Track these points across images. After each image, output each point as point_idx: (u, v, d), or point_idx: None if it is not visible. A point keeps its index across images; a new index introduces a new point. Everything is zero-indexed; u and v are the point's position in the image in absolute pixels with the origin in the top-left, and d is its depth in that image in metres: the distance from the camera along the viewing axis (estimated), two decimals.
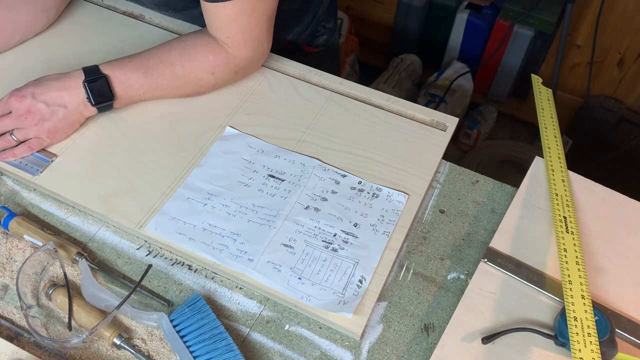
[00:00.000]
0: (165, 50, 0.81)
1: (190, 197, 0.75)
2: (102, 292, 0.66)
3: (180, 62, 0.80)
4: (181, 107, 0.85)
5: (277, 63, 0.92)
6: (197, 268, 0.71)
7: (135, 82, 0.80)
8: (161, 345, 0.65)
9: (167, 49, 0.82)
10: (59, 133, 0.78)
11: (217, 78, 0.83)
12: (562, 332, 0.62)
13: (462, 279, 0.71)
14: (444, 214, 0.77)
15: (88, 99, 0.78)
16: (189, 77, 0.81)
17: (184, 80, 0.82)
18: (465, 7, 1.85)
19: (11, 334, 0.65)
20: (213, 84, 0.84)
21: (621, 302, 0.67)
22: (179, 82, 0.82)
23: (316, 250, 0.70)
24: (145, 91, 0.81)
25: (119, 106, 0.82)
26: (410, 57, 1.94)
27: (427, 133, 0.83)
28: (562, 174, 0.76)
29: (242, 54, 0.82)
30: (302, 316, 0.68)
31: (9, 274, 0.70)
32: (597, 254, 0.70)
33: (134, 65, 0.80)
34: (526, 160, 1.70)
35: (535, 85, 0.88)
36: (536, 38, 1.77)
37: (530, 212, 0.74)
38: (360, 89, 0.88)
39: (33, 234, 0.70)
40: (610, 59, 1.79)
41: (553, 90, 1.85)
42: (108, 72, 0.78)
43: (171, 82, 0.81)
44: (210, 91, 0.86)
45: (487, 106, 1.93)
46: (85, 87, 0.77)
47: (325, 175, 0.78)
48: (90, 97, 0.78)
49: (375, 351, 0.65)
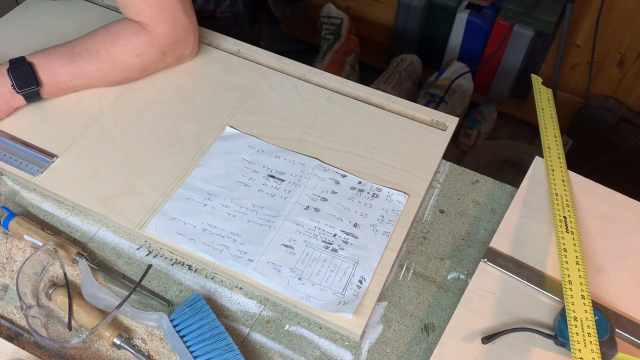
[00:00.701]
0: (90, 38, 0.82)
1: (190, 198, 0.75)
2: (102, 292, 0.66)
3: (104, 47, 0.81)
4: (181, 107, 0.85)
5: (277, 63, 0.92)
6: (197, 268, 0.71)
7: (61, 69, 0.81)
8: (161, 345, 0.65)
9: (92, 36, 0.83)
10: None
11: (144, 60, 0.83)
12: (562, 332, 0.62)
13: (462, 279, 0.71)
14: (444, 214, 0.77)
15: (12, 86, 0.79)
16: (115, 62, 0.82)
17: (111, 67, 0.82)
18: (465, 7, 1.85)
19: (11, 334, 0.65)
20: (141, 67, 0.84)
21: (621, 302, 0.67)
22: (106, 69, 0.82)
23: (316, 250, 0.70)
24: (71, 78, 0.82)
25: (48, 95, 0.83)
26: (410, 57, 1.94)
27: (427, 133, 0.83)
28: (562, 174, 0.76)
29: (160, 28, 0.82)
30: (302, 316, 0.68)
31: (9, 274, 0.70)
32: (597, 254, 0.70)
33: (59, 53, 0.81)
34: (526, 160, 1.69)
35: (535, 85, 0.88)
36: (536, 38, 1.77)
37: (530, 212, 0.74)
38: (360, 89, 0.88)
39: (33, 234, 0.70)
40: (610, 59, 1.79)
41: (553, 90, 1.84)
42: (32, 60, 0.80)
43: (98, 69, 0.82)
44: (140, 76, 0.87)
45: (487, 106, 1.93)
46: (9, 74, 0.78)
47: (325, 176, 0.78)
48: (14, 84, 0.78)
49: (375, 351, 0.65)
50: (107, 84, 0.85)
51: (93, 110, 0.85)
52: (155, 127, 0.83)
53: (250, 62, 0.92)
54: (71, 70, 0.81)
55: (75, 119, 0.83)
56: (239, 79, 0.89)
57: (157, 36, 0.82)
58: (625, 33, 1.71)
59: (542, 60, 1.85)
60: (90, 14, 0.99)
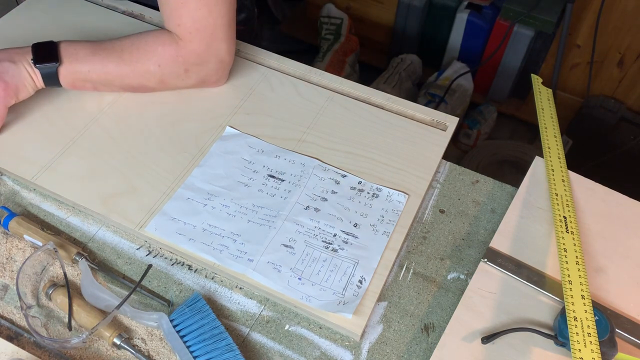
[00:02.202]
0: (119, 39, 0.82)
1: (190, 198, 0.75)
2: (102, 292, 0.66)
3: (129, 49, 0.80)
4: (181, 107, 0.85)
5: (277, 63, 0.92)
6: (197, 268, 0.71)
7: (83, 57, 0.79)
8: (161, 345, 0.65)
9: (121, 38, 0.82)
10: (9, 89, 0.77)
11: (164, 72, 0.81)
12: (562, 332, 0.62)
13: (462, 279, 0.71)
14: (444, 213, 0.77)
15: (32, 60, 0.77)
16: (135, 65, 0.81)
17: (130, 69, 0.81)
18: (465, 7, 1.85)
19: (11, 334, 0.65)
20: (160, 78, 0.82)
21: (621, 302, 0.67)
22: (125, 70, 0.81)
23: (316, 250, 0.70)
24: (90, 69, 0.80)
25: (65, 81, 0.80)
26: (410, 57, 1.94)
27: (427, 133, 0.83)
28: (562, 174, 0.76)
29: (192, 45, 0.79)
30: (302, 316, 0.68)
31: (9, 274, 0.70)
32: (597, 253, 0.70)
33: (84, 44, 0.81)
34: (526, 160, 1.69)
35: (535, 85, 0.88)
36: (536, 38, 1.77)
37: (530, 212, 0.74)
38: (360, 89, 0.88)
39: (33, 234, 0.70)
40: (610, 59, 1.79)
41: (553, 90, 1.84)
42: (58, 43, 0.79)
43: (117, 67, 0.80)
44: (158, 88, 0.85)
45: (487, 106, 1.93)
46: (32, 48, 0.78)
47: (325, 176, 0.78)
48: (34, 57, 0.77)
49: (375, 351, 0.65)
50: (123, 88, 0.84)
51: (93, 110, 0.85)
52: (155, 127, 0.83)
53: (250, 62, 0.92)
54: (92, 60, 0.79)
55: (75, 119, 0.83)
56: (239, 79, 0.89)
57: (184, 52, 0.80)
58: (625, 33, 1.71)
59: (542, 60, 1.85)
60: (90, 14, 0.99)
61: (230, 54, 0.83)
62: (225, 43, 0.81)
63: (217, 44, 0.80)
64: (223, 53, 0.82)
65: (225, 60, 0.83)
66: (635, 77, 1.78)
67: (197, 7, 0.76)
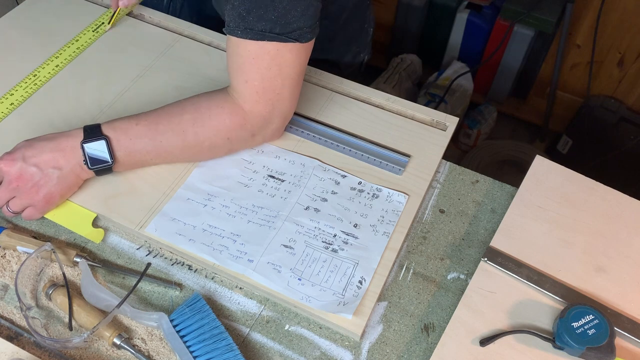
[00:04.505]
0: (177, 114, 0.74)
1: (190, 198, 0.75)
2: (102, 292, 0.66)
3: (193, 128, 0.73)
4: None
5: None
6: (197, 268, 0.71)
7: (142, 149, 0.73)
8: (161, 345, 0.65)
9: (178, 112, 0.74)
10: (55, 198, 0.72)
11: (233, 142, 0.76)
12: (560, 336, 0.62)
13: (462, 279, 0.71)
14: (444, 213, 0.77)
15: (85, 162, 0.72)
16: (202, 145, 0.74)
17: (197, 149, 0.75)
18: (465, 7, 1.85)
19: (11, 334, 0.65)
20: (229, 149, 0.78)
21: (621, 301, 0.67)
22: (191, 150, 0.75)
23: (316, 251, 0.70)
24: (152, 158, 0.75)
25: (121, 170, 0.75)
26: (410, 57, 1.94)
27: (427, 133, 0.83)
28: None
29: (259, 107, 0.73)
30: (302, 316, 0.68)
31: (9, 273, 0.70)
32: (597, 253, 0.70)
33: (141, 129, 0.73)
34: (526, 160, 1.70)
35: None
36: (536, 38, 1.77)
37: (530, 212, 0.74)
38: (360, 89, 0.88)
39: (26, 243, 0.70)
40: (610, 58, 1.79)
41: (553, 90, 1.85)
42: (110, 133, 0.72)
43: (183, 150, 0.75)
44: (225, 155, 0.79)
45: (487, 106, 1.93)
46: (83, 149, 0.71)
47: (325, 176, 0.78)
48: (87, 160, 0.71)
49: (375, 351, 0.65)
50: (189, 161, 0.79)
51: (93, 110, 0.85)
52: None
53: None
54: (153, 150, 0.73)
55: (76, 119, 0.83)
56: None
57: (251, 118, 0.74)
58: (625, 33, 1.71)
59: (542, 60, 1.86)
60: (90, 14, 0.99)
61: (292, 109, 0.78)
62: (289, 102, 0.75)
63: (283, 104, 0.75)
64: (287, 112, 0.77)
65: (288, 117, 0.78)
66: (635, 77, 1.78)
67: (267, 67, 0.70)
